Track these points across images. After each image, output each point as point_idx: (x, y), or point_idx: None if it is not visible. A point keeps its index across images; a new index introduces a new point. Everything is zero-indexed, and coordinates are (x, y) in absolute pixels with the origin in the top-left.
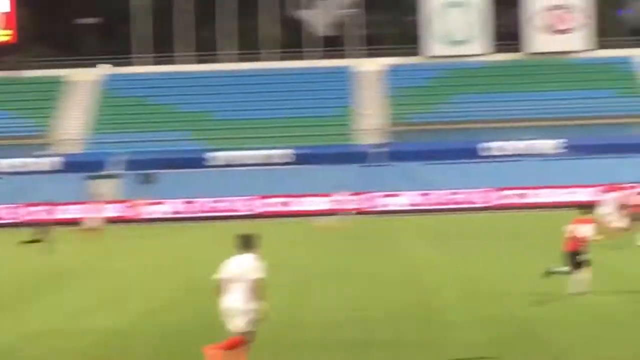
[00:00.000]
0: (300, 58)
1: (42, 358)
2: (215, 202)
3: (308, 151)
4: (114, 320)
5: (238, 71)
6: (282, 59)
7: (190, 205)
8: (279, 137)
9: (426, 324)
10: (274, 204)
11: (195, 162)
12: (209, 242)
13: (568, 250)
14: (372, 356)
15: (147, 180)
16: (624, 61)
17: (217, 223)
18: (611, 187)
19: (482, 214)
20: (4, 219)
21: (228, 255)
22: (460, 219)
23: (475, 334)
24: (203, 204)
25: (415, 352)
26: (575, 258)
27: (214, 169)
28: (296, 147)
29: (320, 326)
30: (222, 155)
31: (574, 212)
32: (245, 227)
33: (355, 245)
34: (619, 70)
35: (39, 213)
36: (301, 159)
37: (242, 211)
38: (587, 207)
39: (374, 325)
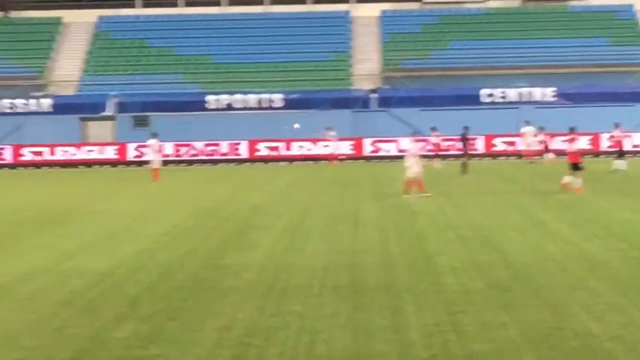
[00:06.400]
0: (301, 2)
1: (34, 298)
2: (208, 145)
3: (298, 96)
4: (106, 260)
5: (238, 14)
6: (282, 2)
7: (185, 148)
8: (276, 81)
9: (420, 270)
10: (267, 148)
11: (195, 105)
12: (202, 185)
13: None
14: (363, 301)
15: (140, 122)
16: (622, 9)
17: (210, 166)
18: None
19: (484, 160)
20: None
21: (212, 199)
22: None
23: (469, 279)
24: (198, 147)
25: (408, 297)
26: None
27: (208, 112)
28: (286, 92)
29: (310, 270)
30: (219, 99)
31: None
32: (239, 170)
33: (349, 190)
34: (616, 19)
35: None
36: (292, 104)
37: (235, 155)
38: None
39: (366, 270)
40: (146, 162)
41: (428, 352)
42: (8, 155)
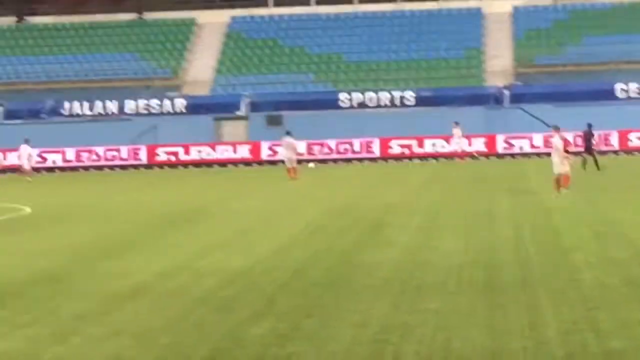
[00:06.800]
0: None
1: (171, 295)
2: (341, 143)
3: (430, 93)
4: (241, 258)
5: (369, 12)
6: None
7: (318, 146)
8: (407, 79)
9: (555, 266)
10: (400, 146)
11: (328, 103)
12: (335, 183)
13: None
14: (499, 298)
15: (273, 121)
16: None
17: (343, 164)
18: None
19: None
20: (129, 160)
21: (345, 197)
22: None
23: (605, 275)
24: (331, 146)
25: (545, 294)
26: None
27: (341, 110)
28: (418, 90)
29: (445, 268)
30: (352, 97)
31: None
32: (372, 168)
33: (481, 187)
34: None
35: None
36: (423, 101)
37: (368, 153)
38: None
39: (501, 267)
40: (281, 161)
41: (565, 349)
42: (143, 156)
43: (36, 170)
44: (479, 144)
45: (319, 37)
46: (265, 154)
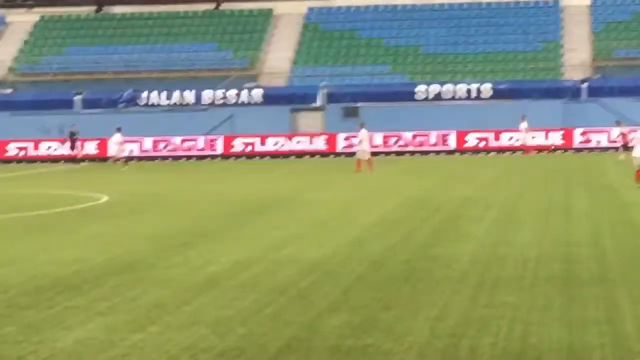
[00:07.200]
0: None
1: (247, 286)
2: (416, 135)
3: (507, 86)
4: (318, 249)
5: (447, 4)
6: None
7: (394, 138)
8: (485, 71)
9: (634, 261)
10: (476, 139)
11: (404, 95)
12: (411, 176)
13: None
14: (576, 293)
15: (350, 113)
16: None
17: (419, 157)
18: None
19: None
20: (205, 150)
21: (421, 189)
22: None
23: None
24: (406, 138)
25: (623, 290)
26: None
27: (417, 102)
28: (495, 82)
29: (522, 262)
30: (429, 89)
31: None
32: (448, 160)
33: (558, 180)
34: None
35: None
36: (500, 94)
37: (444, 145)
38: None
39: (578, 262)
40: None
41: None
42: (220, 146)
43: (115, 160)
44: (556, 138)
45: (396, 29)
46: (341, 145)
